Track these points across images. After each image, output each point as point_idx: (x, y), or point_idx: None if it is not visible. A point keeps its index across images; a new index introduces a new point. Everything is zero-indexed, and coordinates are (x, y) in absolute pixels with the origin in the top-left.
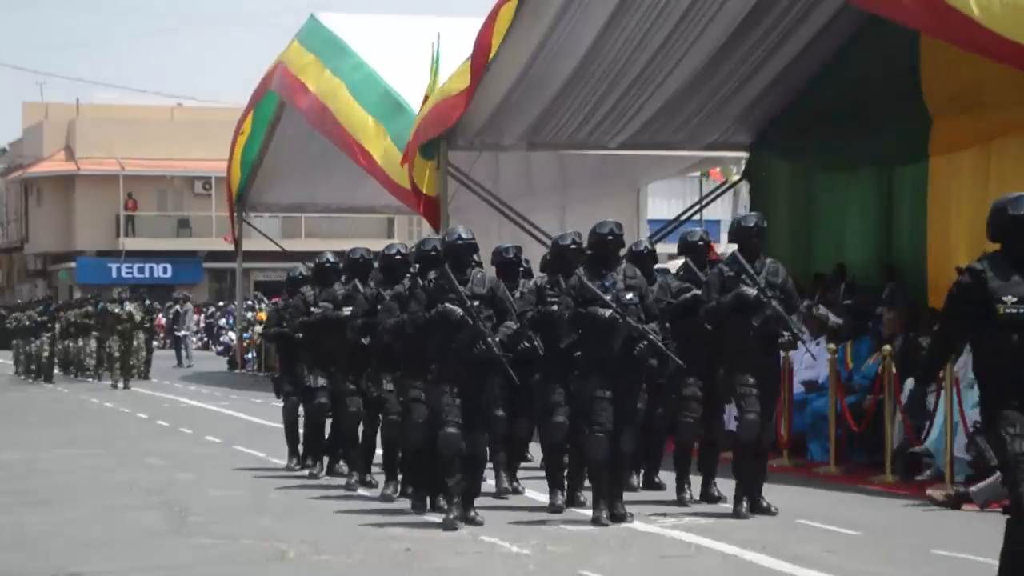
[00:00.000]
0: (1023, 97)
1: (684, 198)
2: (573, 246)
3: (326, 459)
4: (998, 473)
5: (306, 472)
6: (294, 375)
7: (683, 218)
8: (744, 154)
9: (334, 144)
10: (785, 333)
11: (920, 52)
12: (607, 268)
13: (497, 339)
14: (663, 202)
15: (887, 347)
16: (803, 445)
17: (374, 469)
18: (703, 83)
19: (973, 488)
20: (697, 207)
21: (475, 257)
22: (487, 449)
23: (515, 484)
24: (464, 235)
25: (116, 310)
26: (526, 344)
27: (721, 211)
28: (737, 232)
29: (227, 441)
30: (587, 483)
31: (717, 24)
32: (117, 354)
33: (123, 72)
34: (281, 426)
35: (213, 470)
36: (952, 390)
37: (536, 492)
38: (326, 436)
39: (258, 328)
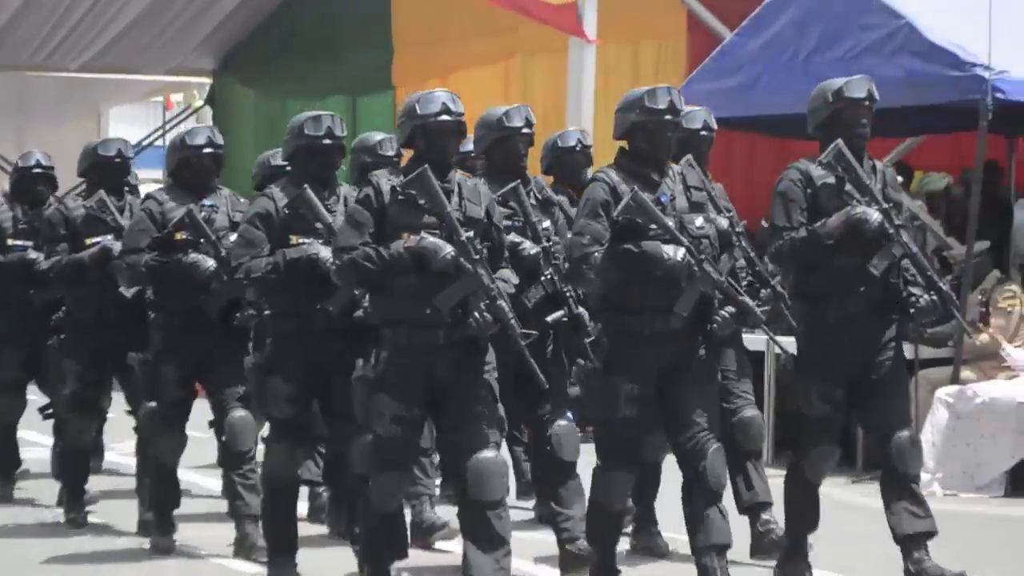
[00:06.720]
0: (480, 31)
1: (147, 123)
2: (579, 148)
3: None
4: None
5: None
6: None
7: (145, 143)
8: (207, 80)
9: None
10: (916, 292)
11: None
12: (659, 174)
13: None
14: (126, 127)
15: None
16: None
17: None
18: (165, 6)
19: None
20: (160, 132)
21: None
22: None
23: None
24: (451, 104)
25: None
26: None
27: None
28: (834, 105)
29: None
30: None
31: None
32: None
33: None
34: None
35: None
36: None
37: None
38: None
39: None
